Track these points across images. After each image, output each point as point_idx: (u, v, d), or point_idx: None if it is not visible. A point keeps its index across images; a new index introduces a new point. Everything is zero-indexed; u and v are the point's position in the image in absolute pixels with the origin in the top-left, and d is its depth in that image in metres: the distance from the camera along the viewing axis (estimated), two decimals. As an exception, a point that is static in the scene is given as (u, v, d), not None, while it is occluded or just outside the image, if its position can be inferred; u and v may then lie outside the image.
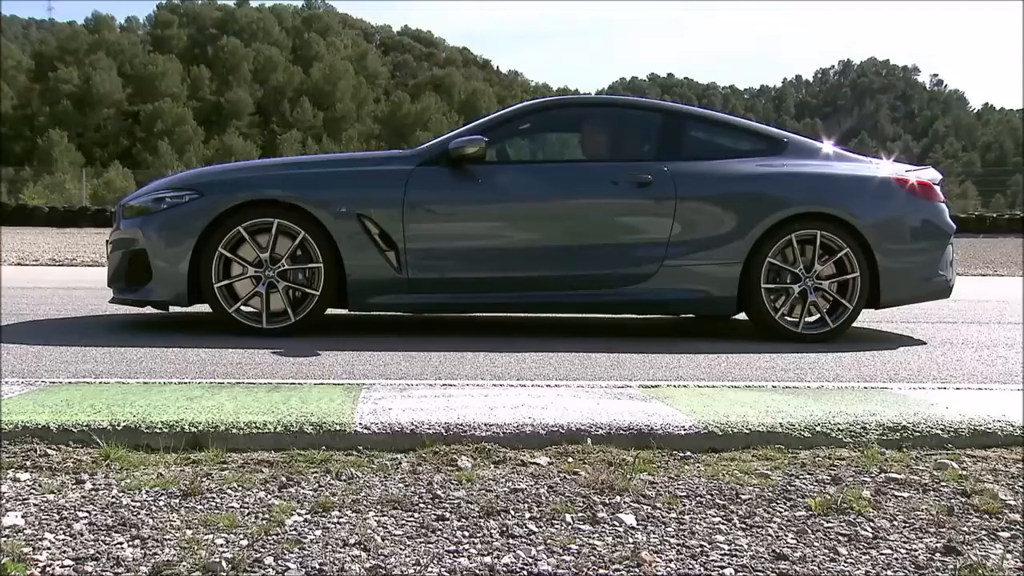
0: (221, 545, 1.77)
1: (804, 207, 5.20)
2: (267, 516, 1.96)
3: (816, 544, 1.87)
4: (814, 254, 5.17)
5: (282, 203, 4.98)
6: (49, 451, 2.44)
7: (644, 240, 5.21)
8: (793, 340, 5.08)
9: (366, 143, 79.95)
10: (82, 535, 1.82)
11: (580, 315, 6.14)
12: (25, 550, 1.72)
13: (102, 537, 1.81)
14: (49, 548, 1.74)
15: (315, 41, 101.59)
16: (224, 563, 1.67)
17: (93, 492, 2.11)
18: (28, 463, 2.33)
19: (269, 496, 2.11)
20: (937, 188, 5.50)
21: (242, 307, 5.03)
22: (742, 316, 5.41)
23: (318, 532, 1.87)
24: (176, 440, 2.57)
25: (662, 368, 4.04)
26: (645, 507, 2.09)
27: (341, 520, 1.95)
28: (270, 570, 1.66)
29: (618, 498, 2.15)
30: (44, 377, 3.45)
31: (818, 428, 2.80)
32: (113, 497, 2.07)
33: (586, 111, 5.99)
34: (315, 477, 2.29)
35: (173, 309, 5.59)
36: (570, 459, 2.50)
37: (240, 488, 2.16)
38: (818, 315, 5.20)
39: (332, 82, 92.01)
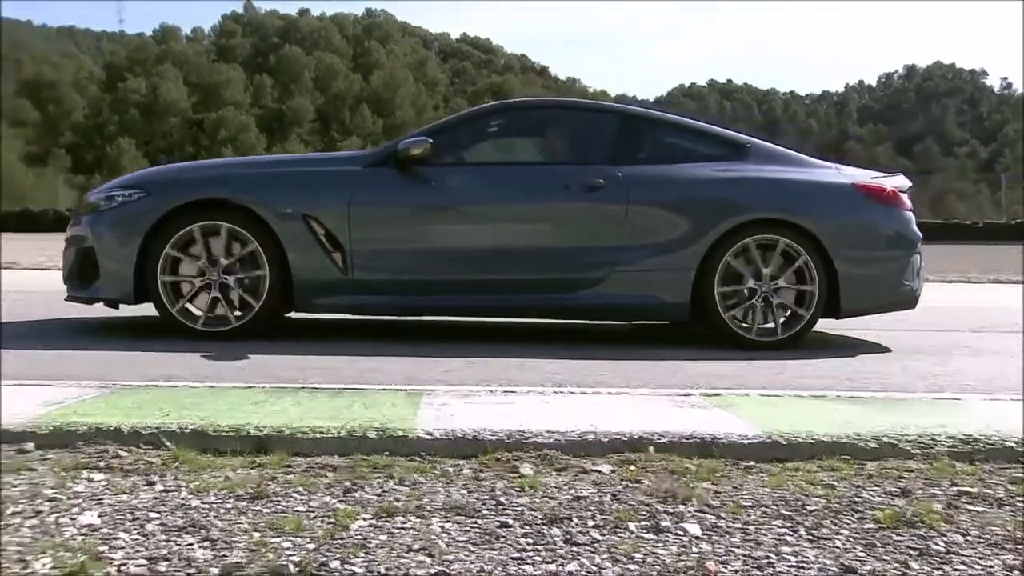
0: (288, 548, 1.80)
1: (759, 213, 5.11)
2: (332, 520, 1.98)
3: (886, 558, 1.84)
4: (772, 261, 5.06)
5: (229, 204, 4.98)
6: (121, 452, 2.50)
7: (593, 244, 5.15)
8: (748, 347, 4.97)
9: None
10: (154, 535, 1.86)
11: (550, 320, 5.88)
12: (101, 549, 1.76)
13: (173, 538, 1.85)
14: (124, 547, 1.78)
15: (375, 49, 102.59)
16: (291, 566, 1.70)
17: (164, 493, 2.15)
18: (102, 464, 2.38)
19: (334, 500, 2.13)
20: (903, 196, 5.35)
21: (189, 308, 5.02)
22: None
23: (383, 537, 1.88)
24: (242, 444, 2.61)
25: (720, 376, 4.00)
26: (709, 517, 2.07)
27: (405, 525, 1.97)
28: (336, 574, 1.68)
29: (682, 507, 2.13)
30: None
31: (885, 439, 2.75)
32: (183, 499, 2.11)
33: (544, 114, 6.00)
34: (379, 482, 2.30)
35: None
36: (632, 467, 2.49)
37: (305, 492, 2.19)
38: (774, 323, 5.08)
39: (392, 89, 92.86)
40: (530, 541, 1.89)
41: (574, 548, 1.86)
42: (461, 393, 3.38)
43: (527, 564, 1.77)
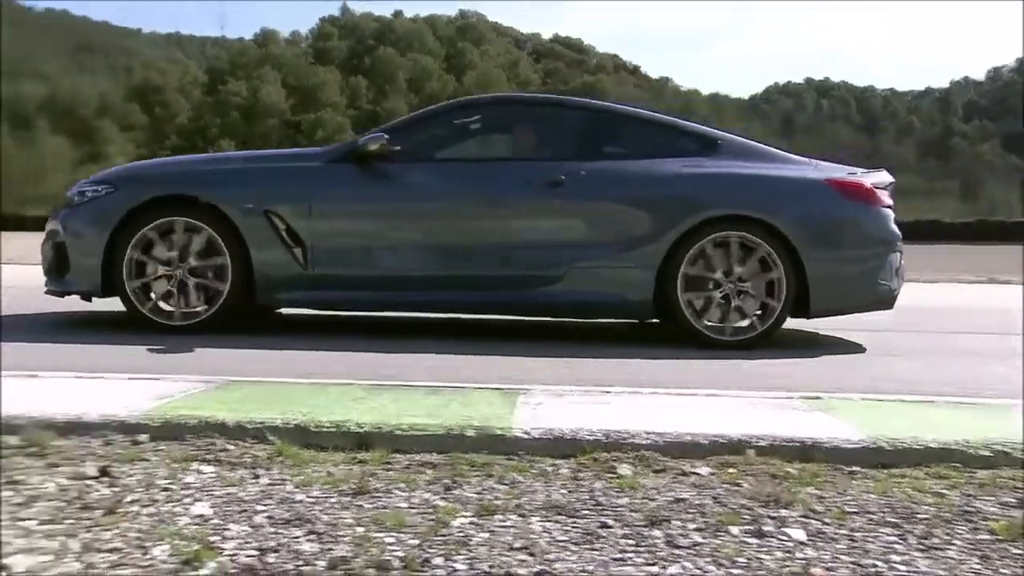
0: (392, 544, 1.82)
1: (722, 209, 4.99)
2: (434, 517, 2.00)
3: (1004, 571, 1.78)
4: (736, 259, 4.94)
5: (194, 199, 5.04)
6: (228, 446, 2.57)
7: (553, 241, 5.09)
8: (711, 346, 4.88)
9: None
10: (263, 527, 1.91)
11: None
12: (213, 538, 1.81)
13: (281, 530, 1.89)
14: (235, 538, 1.83)
15: (468, 50, 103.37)
16: (396, 561, 1.72)
17: (269, 487, 2.20)
18: (210, 457, 2.45)
19: (435, 497, 2.16)
20: (881, 192, 5.16)
21: (157, 303, 5.08)
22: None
23: (484, 535, 1.90)
24: (343, 440, 2.66)
25: (815, 379, 3.92)
26: (814, 522, 2.03)
27: (506, 523, 1.98)
28: (439, 570, 1.70)
29: (784, 511, 2.10)
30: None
31: (997, 447, 2.65)
32: (288, 492, 2.16)
33: (509, 110, 5.87)
34: (477, 480, 2.32)
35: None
36: (732, 470, 2.46)
37: (407, 488, 2.22)
38: (740, 322, 4.97)
39: (485, 89, 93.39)
40: (631, 542, 1.88)
41: (675, 551, 1.84)
42: (557, 392, 3.38)
43: (628, 565, 1.76)
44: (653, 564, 1.77)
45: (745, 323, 4.98)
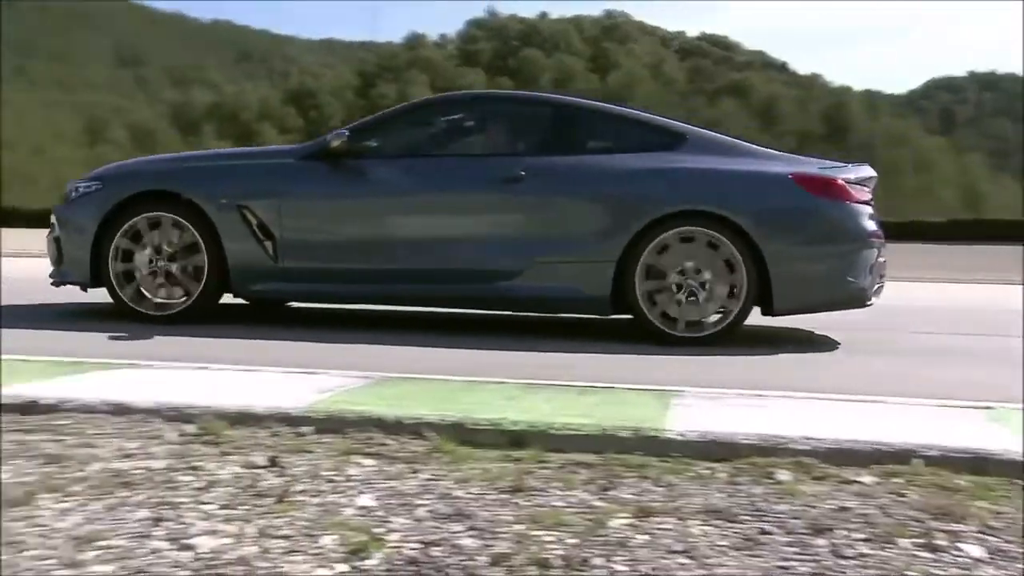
0: (551, 542, 1.84)
1: (682, 205, 4.94)
2: (591, 517, 2.00)
3: None
4: (697, 255, 4.89)
5: (173, 195, 5.30)
6: (387, 440, 2.64)
7: (513, 236, 5.13)
8: (670, 343, 4.83)
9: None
10: (424, 521, 1.95)
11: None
12: (378, 530, 1.87)
13: (442, 525, 1.93)
14: (398, 531, 1.88)
15: (613, 49, 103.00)
16: (556, 559, 1.74)
17: (429, 482, 2.25)
18: (371, 450, 2.53)
19: (591, 497, 2.16)
20: (855, 188, 5.02)
21: (142, 292, 5.33)
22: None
23: (643, 537, 1.89)
24: (498, 437, 2.69)
25: (972, 386, 3.72)
26: (991, 539, 1.93)
27: (664, 526, 1.96)
28: (599, 571, 1.71)
29: (957, 526, 2.00)
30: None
31: None
32: (447, 488, 2.20)
33: (475, 106, 5.90)
34: (633, 481, 2.31)
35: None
36: (897, 479, 2.37)
37: (563, 487, 2.23)
38: (701, 318, 4.91)
39: (629, 89, 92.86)
40: (794, 550, 1.84)
41: (841, 560, 1.79)
42: (710, 395, 3.33)
43: (792, 574, 1.72)
44: (818, 574, 1.72)
45: (710, 319, 4.94)
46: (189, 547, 1.74)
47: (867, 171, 5.27)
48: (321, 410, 2.87)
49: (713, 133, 5.38)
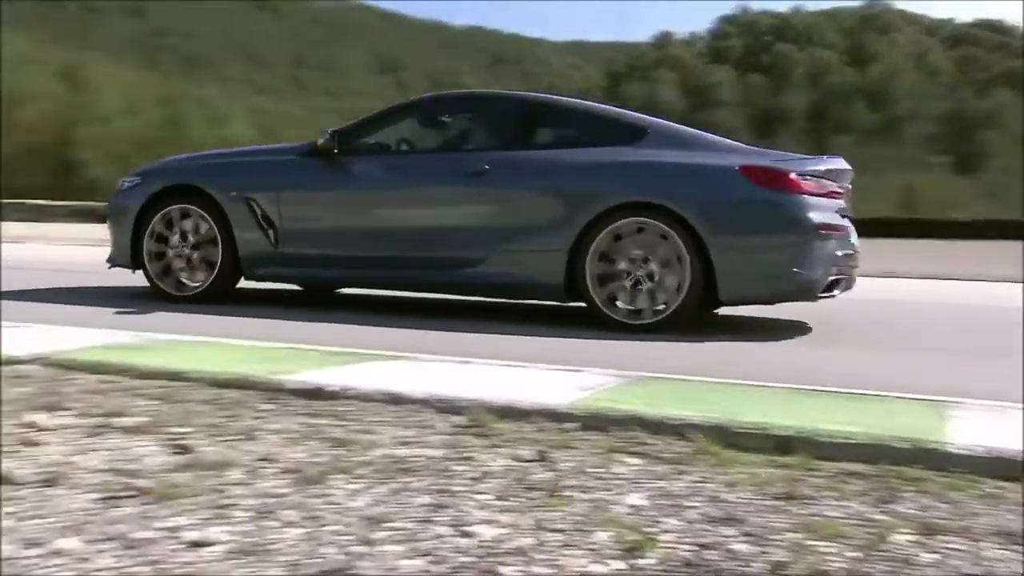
0: (830, 554, 1.77)
1: (629, 197, 5.14)
2: (871, 530, 1.91)
3: None
4: (643, 245, 5.09)
5: (196, 189, 5.96)
6: (650, 440, 2.63)
7: (477, 226, 5.50)
8: (617, 329, 5.01)
9: (921, 146, 75.07)
10: (695, 523, 1.93)
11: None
12: (650, 529, 1.87)
13: (714, 528, 1.91)
14: (670, 531, 1.87)
15: (873, 40, 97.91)
16: (839, 572, 1.67)
17: (697, 484, 2.23)
18: (635, 449, 2.53)
19: (869, 510, 2.06)
20: (808, 181, 5.07)
21: (171, 276, 6.00)
22: None
23: (931, 556, 1.78)
24: (763, 442, 2.62)
25: None
26: None
27: (951, 546, 1.84)
28: (885, 587, 1.63)
29: None
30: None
31: None
32: (715, 491, 2.17)
33: (457, 105, 6.46)
34: (912, 495, 2.19)
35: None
36: None
37: (838, 497, 2.14)
38: (646, 306, 5.07)
39: (890, 82, 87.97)
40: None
41: None
42: (991, 407, 3.10)
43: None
44: None
45: (657, 307, 5.06)
46: (469, 534, 1.81)
47: (837, 163, 5.42)
48: (584, 407, 2.90)
49: (676, 127, 5.63)
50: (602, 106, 5.98)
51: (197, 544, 1.69)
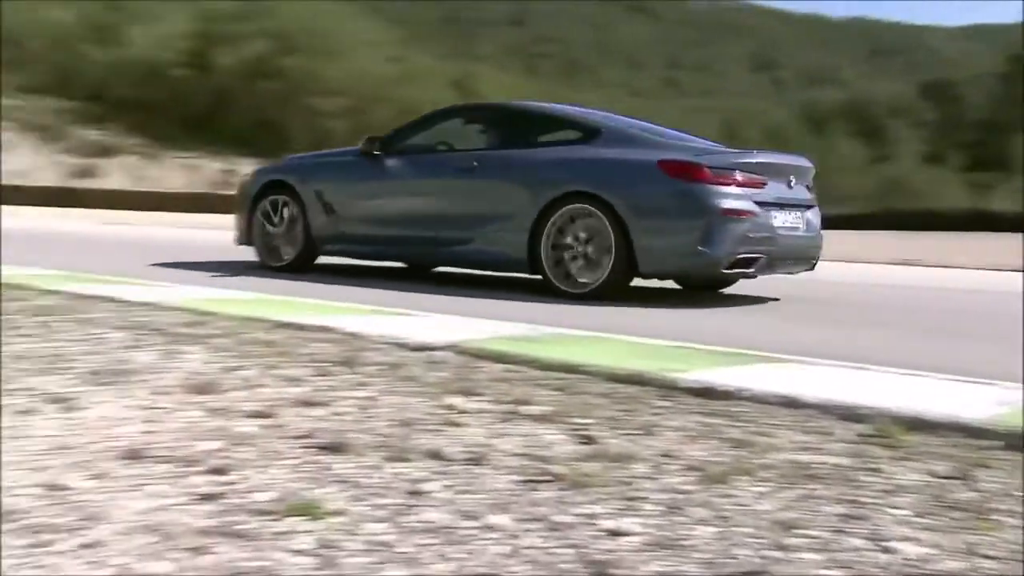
0: None
1: (571, 187, 6.25)
2: None
3: None
4: (584, 227, 6.20)
5: (287, 183, 7.69)
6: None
7: (466, 212, 6.86)
8: (561, 296, 6.17)
9: None
10: None
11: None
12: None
13: None
14: None
15: None
16: None
17: None
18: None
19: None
20: (720, 172, 5.93)
21: (280, 253, 7.79)
22: None
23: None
24: None
25: None
26: None
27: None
28: None
29: None
30: None
31: None
32: None
33: (472, 114, 7.92)
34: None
35: None
36: None
37: None
38: (586, 279, 6.18)
39: None
40: None
41: None
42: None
43: None
44: None
45: (593, 279, 6.16)
46: (890, 550, 1.72)
47: (779, 159, 6.47)
48: (1005, 424, 2.66)
49: (630, 127, 6.81)
50: (571, 109, 7.26)
51: (614, 533, 1.75)
